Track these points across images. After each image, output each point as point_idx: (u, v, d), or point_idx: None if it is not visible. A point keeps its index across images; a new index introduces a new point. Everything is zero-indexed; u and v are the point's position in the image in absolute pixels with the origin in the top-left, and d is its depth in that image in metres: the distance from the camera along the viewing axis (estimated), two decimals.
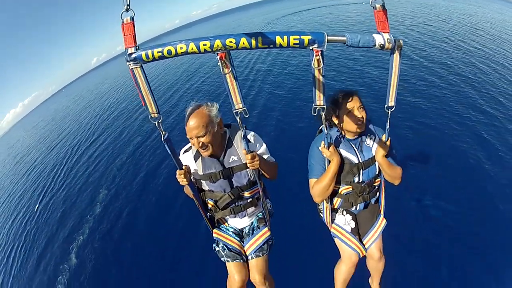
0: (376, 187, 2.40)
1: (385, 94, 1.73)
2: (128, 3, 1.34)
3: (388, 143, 2.08)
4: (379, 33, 1.53)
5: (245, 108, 1.68)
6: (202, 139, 1.95)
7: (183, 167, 1.98)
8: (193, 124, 1.93)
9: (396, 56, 1.62)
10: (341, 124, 2.18)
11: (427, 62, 11.50)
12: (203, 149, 2.01)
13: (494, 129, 6.92)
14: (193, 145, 2.02)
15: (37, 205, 10.73)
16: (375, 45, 1.52)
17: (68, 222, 8.33)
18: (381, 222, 2.43)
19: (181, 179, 1.97)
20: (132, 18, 1.42)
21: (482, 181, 5.40)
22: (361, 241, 2.42)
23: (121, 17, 1.40)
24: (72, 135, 19.23)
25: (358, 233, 2.45)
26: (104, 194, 8.86)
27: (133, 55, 1.46)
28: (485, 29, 17.23)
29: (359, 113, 2.09)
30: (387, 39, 1.51)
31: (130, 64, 1.49)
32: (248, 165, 1.98)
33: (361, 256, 2.40)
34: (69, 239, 7.45)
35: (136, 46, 1.46)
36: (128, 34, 1.45)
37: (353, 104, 2.09)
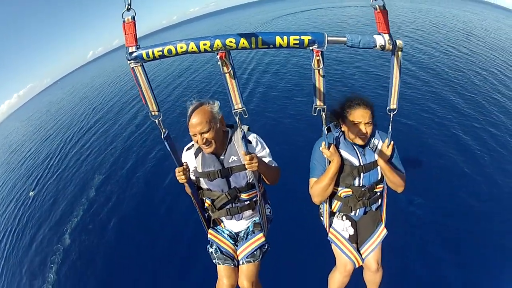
0: (378, 194, 2.27)
1: (376, 97, 1.72)
2: (129, 2, 1.34)
3: (390, 147, 2.04)
4: (379, 34, 1.51)
5: (244, 108, 1.63)
6: (205, 135, 1.91)
7: (183, 164, 1.95)
8: (196, 120, 1.89)
9: (397, 58, 1.60)
10: (344, 125, 2.13)
11: (412, 65, 11.54)
12: (207, 146, 1.96)
13: (474, 129, 7.08)
14: (196, 142, 1.98)
15: (32, 191, 10.67)
16: (376, 46, 1.50)
17: (63, 206, 8.40)
18: (381, 232, 2.30)
19: (179, 176, 1.92)
20: (133, 18, 1.41)
21: (471, 184, 5.40)
22: (358, 250, 2.28)
23: (122, 17, 1.39)
24: (67, 125, 19.05)
25: (356, 241, 2.31)
26: (98, 180, 8.94)
27: (134, 54, 1.45)
28: (478, 36, 17.40)
29: (364, 129, 2.02)
30: (388, 40, 1.49)
31: (131, 63, 1.48)
32: (246, 166, 1.89)
33: (357, 266, 2.28)
34: (64, 221, 7.54)
35: (137, 45, 1.46)
36: (129, 33, 1.44)
37: (362, 119, 2.00)
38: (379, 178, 2.18)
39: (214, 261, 2.27)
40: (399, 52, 1.59)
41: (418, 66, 11.55)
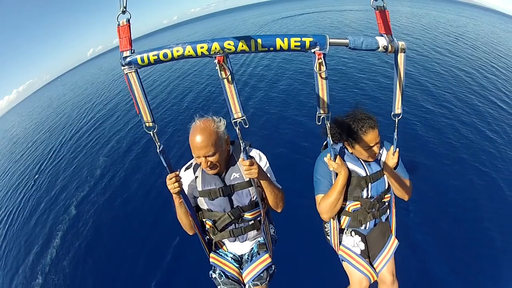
0: (386, 204, 2.17)
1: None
2: (125, 5, 1.26)
3: (396, 154, 1.94)
4: (381, 35, 1.45)
5: (244, 117, 1.50)
6: (211, 159, 1.75)
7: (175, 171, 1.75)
8: (201, 143, 1.71)
9: (400, 59, 1.52)
10: (352, 149, 2.01)
11: (389, 68, 11.15)
12: (211, 169, 1.81)
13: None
14: (200, 163, 1.82)
15: (36, 175, 10.78)
16: (379, 47, 1.44)
17: (68, 184, 8.70)
18: (393, 243, 2.20)
19: (171, 183, 1.70)
20: (128, 21, 1.33)
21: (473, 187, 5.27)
22: (371, 264, 2.16)
23: (117, 20, 1.31)
24: (70, 118, 18.86)
25: (368, 255, 2.19)
26: (103, 161, 9.24)
27: (128, 59, 1.36)
28: (467, 39, 17.40)
29: (376, 149, 1.93)
30: (390, 41, 1.43)
31: (125, 69, 1.38)
32: (244, 173, 1.74)
33: (372, 280, 2.13)
34: (70, 196, 7.86)
35: (131, 50, 1.37)
36: (123, 37, 1.35)
37: (374, 142, 1.90)
38: (386, 187, 2.08)
39: (219, 287, 2.08)
40: (402, 54, 1.51)
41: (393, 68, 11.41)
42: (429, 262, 4.02)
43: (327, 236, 2.32)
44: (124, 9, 1.27)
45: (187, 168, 2.00)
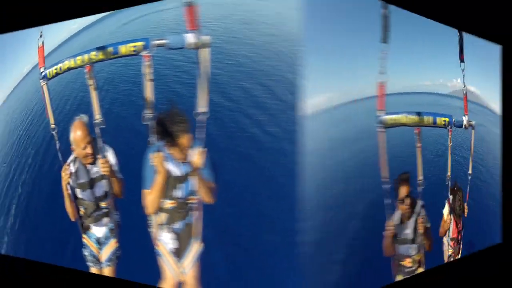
0: (194, 205, 2.16)
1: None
2: (41, 30, 1.56)
3: (202, 154, 1.89)
4: (189, 32, 1.51)
5: (103, 119, 1.75)
6: (91, 145, 2.01)
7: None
8: (83, 133, 1.97)
9: (203, 54, 1.55)
10: (169, 149, 1.94)
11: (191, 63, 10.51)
12: (91, 157, 2.07)
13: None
14: (84, 155, 2.06)
15: None
16: (187, 44, 1.53)
17: (17, 168, 8.01)
18: (197, 246, 2.16)
19: (65, 175, 2.01)
20: (43, 43, 1.63)
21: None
22: (180, 264, 2.16)
23: (37, 42, 1.61)
24: (13, 122, 17.60)
25: (179, 254, 2.17)
26: (30, 151, 8.94)
27: (42, 74, 1.68)
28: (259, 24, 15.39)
29: (187, 151, 1.93)
30: (196, 36, 1.50)
31: (41, 82, 1.71)
32: (100, 168, 2.02)
33: (179, 280, 2.15)
34: (18, 178, 7.44)
35: (44, 66, 1.67)
36: (40, 56, 1.66)
37: (185, 144, 1.87)
38: (194, 188, 2.06)
39: (87, 263, 2.39)
40: (206, 49, 1.56)
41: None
42: (220, 264, 3.66)
43: (150, 229, 2.31)
44: (41, 34, 1.57)
45: (69, 163, 2.20)
